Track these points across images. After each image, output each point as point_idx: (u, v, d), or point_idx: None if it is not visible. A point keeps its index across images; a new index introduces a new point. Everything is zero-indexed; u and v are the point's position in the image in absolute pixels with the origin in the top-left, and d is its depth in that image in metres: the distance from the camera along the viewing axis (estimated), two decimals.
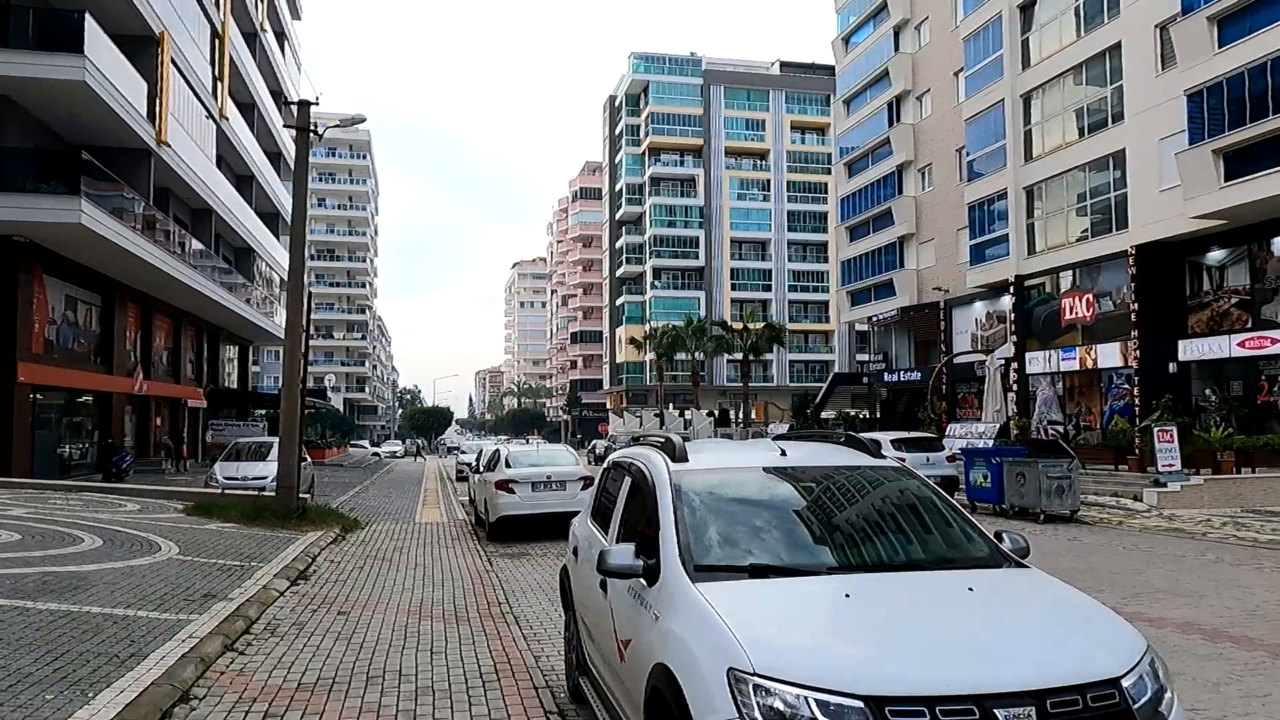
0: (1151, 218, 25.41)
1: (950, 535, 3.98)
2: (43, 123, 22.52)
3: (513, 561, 12.01)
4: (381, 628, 7.63)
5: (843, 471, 4.34)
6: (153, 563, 9.53)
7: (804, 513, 4.06)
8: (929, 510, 4.10)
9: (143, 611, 7.25)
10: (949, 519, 4.05)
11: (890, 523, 4.06)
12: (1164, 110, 24.65)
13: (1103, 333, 27.69)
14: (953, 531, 3.99)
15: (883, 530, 4.01)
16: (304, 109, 15.24)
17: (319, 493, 21.65)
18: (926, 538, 3.96)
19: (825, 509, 4.12)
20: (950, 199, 37.56)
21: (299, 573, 10.07)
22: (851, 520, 4.05)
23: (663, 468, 4.24)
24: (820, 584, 3.45)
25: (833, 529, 3.96)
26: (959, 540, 3.94)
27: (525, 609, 8.68)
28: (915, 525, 4.03)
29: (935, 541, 3.96)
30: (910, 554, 3.85)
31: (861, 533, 3.96)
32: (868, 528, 4.01)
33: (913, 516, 4.08)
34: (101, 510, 14.17)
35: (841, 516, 4.07)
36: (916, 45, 41.04)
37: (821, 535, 3.88)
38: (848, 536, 3.91)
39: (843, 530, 3.96)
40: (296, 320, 14.90)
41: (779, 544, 3.79)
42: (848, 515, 4.08)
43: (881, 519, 4.08)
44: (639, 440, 5.49)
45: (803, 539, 3.84)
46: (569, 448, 17.61)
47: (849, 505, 4.15)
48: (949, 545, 3.93)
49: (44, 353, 22.47)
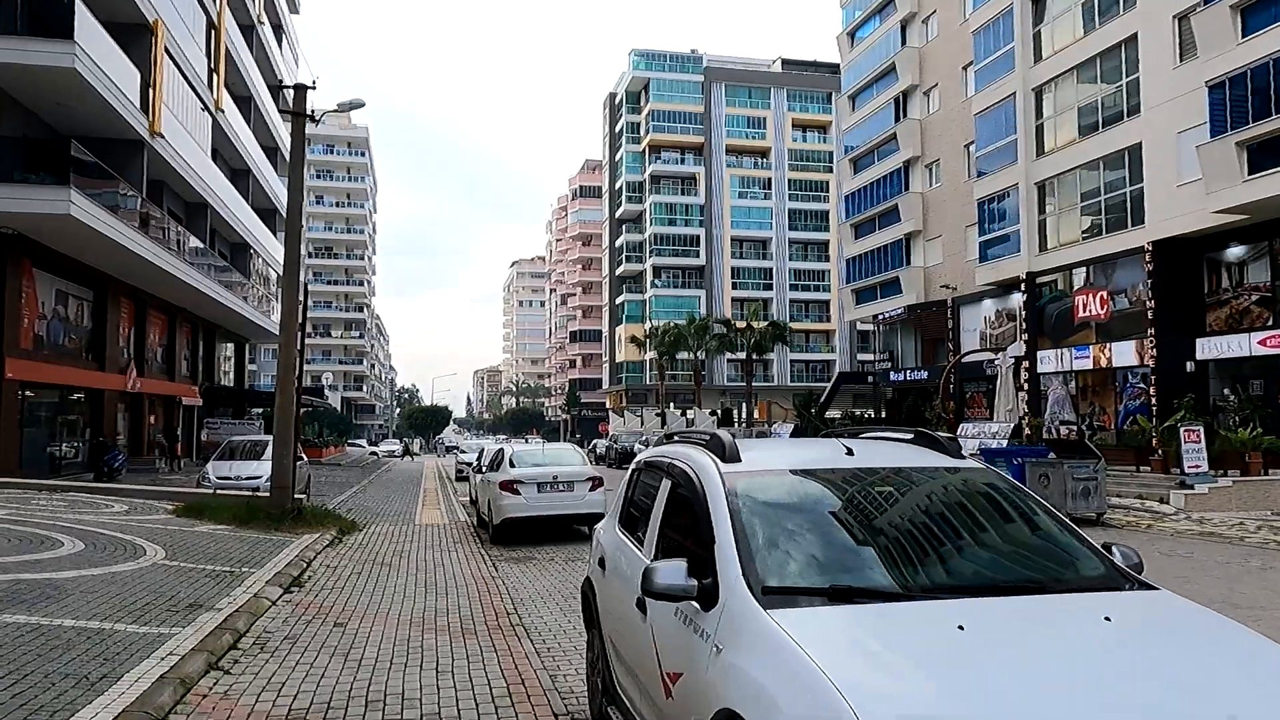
0: (1169, 213, 24.82)
1: (1056, 549, 3.36)
2: (32, 112, 21.88)
3: (519, 566, 11.40)
4: (381, 642, 7.02)
5: (922, 473, 3.73)
6: (136, 569, 8.90)
7: (884, 522, 3.44)
8: (1027, 518, 3.49)
9: (121, 624, 6.63)
10: (1051, 529, 3.44)
11: (986, 534, 3.44)
12: (1183, 103, 24.06)
13: (1118, 331, 27.09)
14: (1058, 544, 3.37)
15: (980, 543, 3.38)
16: (300, 93, 14.62)
17: (315, 492, 21.05)
18: (1030, 552, 3.35)
19: (908, 518, 3.50)
20: (958, 195, 36.97)
21: (293, 579, 9.46)
22: (941, 531, 3.43)
23: (712, 470, 3.63)
24: (921, 611, 2.83)
25: (920, 542, 3.34)
26: (1068, 555, 3.32)
27: (536, 620, 8.06)
28: (1015, 537, 3.42)
29: (1041, 556, 3.34)
30: (1016, 572, 3.23)
31: (955, 546, 3.34)
32: (962, 540, 3.39)
33: (1010, 526, 3.48)
34: (86, 511, 13.53)
35: (928, 527, 3.45)
36: (924, 39, 40.42)
37: (908, 549, 3.26)
38: (939, 551, 3.29)
39: (932, 543, 3.34)
40: (292, 314, 14.27)
41: (859, 560, 3.18)
42: (935, 525, 3.47)
43: (975, 529, 3.46)
44: (672, 438, 4.88)
45: (886, 554, 3.22)
46: (576, 447, 17.00)
47: (934, 513, 3.54)
48: (1057, 561, 3.31)
49: (33, 348, 21.85)
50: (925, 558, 3.23)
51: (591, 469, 14.42)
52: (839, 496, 3.56)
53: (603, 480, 14.03)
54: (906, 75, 40.87)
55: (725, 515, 3.30)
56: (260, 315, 37.42)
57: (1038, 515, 3.50)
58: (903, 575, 3.08)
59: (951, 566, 3.19)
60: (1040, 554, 3.33)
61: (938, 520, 3.49)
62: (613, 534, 4.83)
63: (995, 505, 3.58)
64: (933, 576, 3.10)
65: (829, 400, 47.31)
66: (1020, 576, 3.18)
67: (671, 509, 3.95)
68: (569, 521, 13.94)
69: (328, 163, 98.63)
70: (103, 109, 21.52)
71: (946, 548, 3.31)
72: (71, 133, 22.01)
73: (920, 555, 3.23)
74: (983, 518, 3.53)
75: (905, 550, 3.25)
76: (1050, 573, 3.23)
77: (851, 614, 2.79)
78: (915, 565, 3.17)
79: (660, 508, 4.06)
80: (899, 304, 41.03)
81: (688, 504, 3.74)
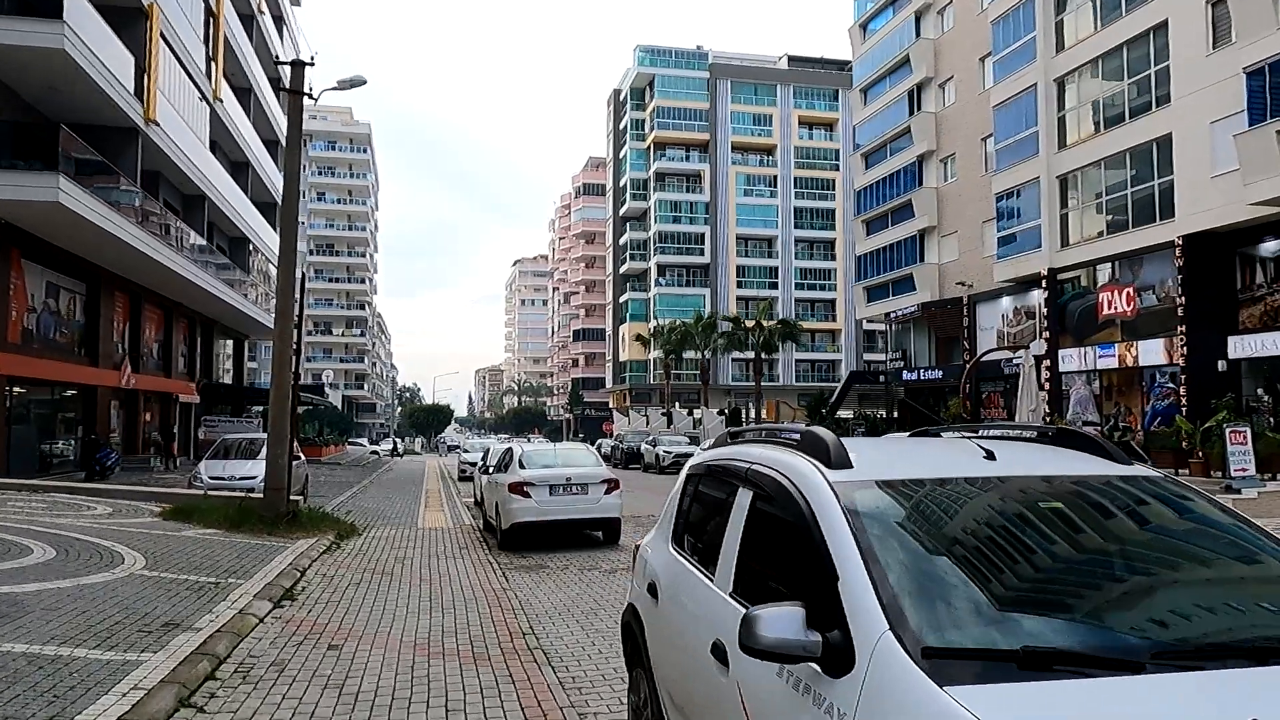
0: (1200, 206, 23.92)
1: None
2: (22, 98, 21.06)
3: (530, 576, 10.52)
4: (382, 669, 6.14)
5: (1092, 485, 2.84)
6: (110, 580, 8.03)
7: (1067, 554, 2.55)
8: (1244, 544, 2.61)
9: (82, 649, 5.76)
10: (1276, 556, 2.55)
11: (1207, 569, 2.55)
12: (1216, 91, 23.16)
13: (1145, 328, 26.19)
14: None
15: (1206, 582, 2.49)
16: (298, 70, 13.76)
17: (314, 493, 20.20)
18: (1269, 592, 2.46)
19: (1098, 547, 2.61)
20: (975, 190, 36.08)
21: (284, 591, 8.58)
22: (1146, 563, 2.55)
23: (817, 480, 2.74)
24: (1179, 693, 1.94)
25: (1122, 580, 2.45)
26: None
27: (555, 642, 7.18)
28: (1242, 570, 2.53)
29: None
30: (1269, 626, 2.33)
31: (1173, 587, 2.45)
32: (1177, 577, 2.51)
33: (1229, 555, 2.59)
34: (65, 514, 12.64)
35: (1128, 560, 2.56)
36: (939, 30, 39.53)
37: (1115, 594, 2.38)
38: (1153, 594, 2.41)
39: (1141, 582, 2.45)
40: (288, 303, 13.40)
41: (1049, 608, 2.30)
42: (1135, 555, 2.58)
43: (1193, 563, 2.58)
44: (738, 436, 3.99)
45: (1086, 600, 2.34)
46: (589, 447, 16.12)
47: (1133, 541, 2.66)
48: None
49: (22, 342, 21.01)
50: (1135, 603, 2.34)
51: (607, 470, 13.54)
52: (998, 517, 2.67)
53: (619, 483, 13.16)
54: (921, 68, 39.98)
55: (849, 542, 2.42)
56: (260, 311, 36.56)
57: (1256, 540, 2.61)
58: (1116, 632, 2.19)
59: (1184, 618, 2.29)
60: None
61: (1140, 550, 2.60)
62: (666, 555, 3.94)
63: (1197, 526, 2.69)
64: (1163, 633, 2.21)
65: (840, 400, 46.42)
66: (1273, 632, 2.27)
67: (755, 529, 3.07)
68: (582, 526, 13.07)
69: (329, 159, 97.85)
70: (95, 94, 20.70)
71: (1160, 589, 2.42)
72: (63, 119, 21.18)
73: (1135, 602, 2.34)
74: (1189, 544, 2.64)
75: (1110, 594, 2.36)
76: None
77: (1077, 696, 1.90)
78: (1124, 612, 2.29)
79: (737, 527, 3.17)
80: (912, 301, 40.14)
81: (781, 523, 2.86)
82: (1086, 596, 2.35)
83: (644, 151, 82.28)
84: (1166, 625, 2.26)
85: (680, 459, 34.98)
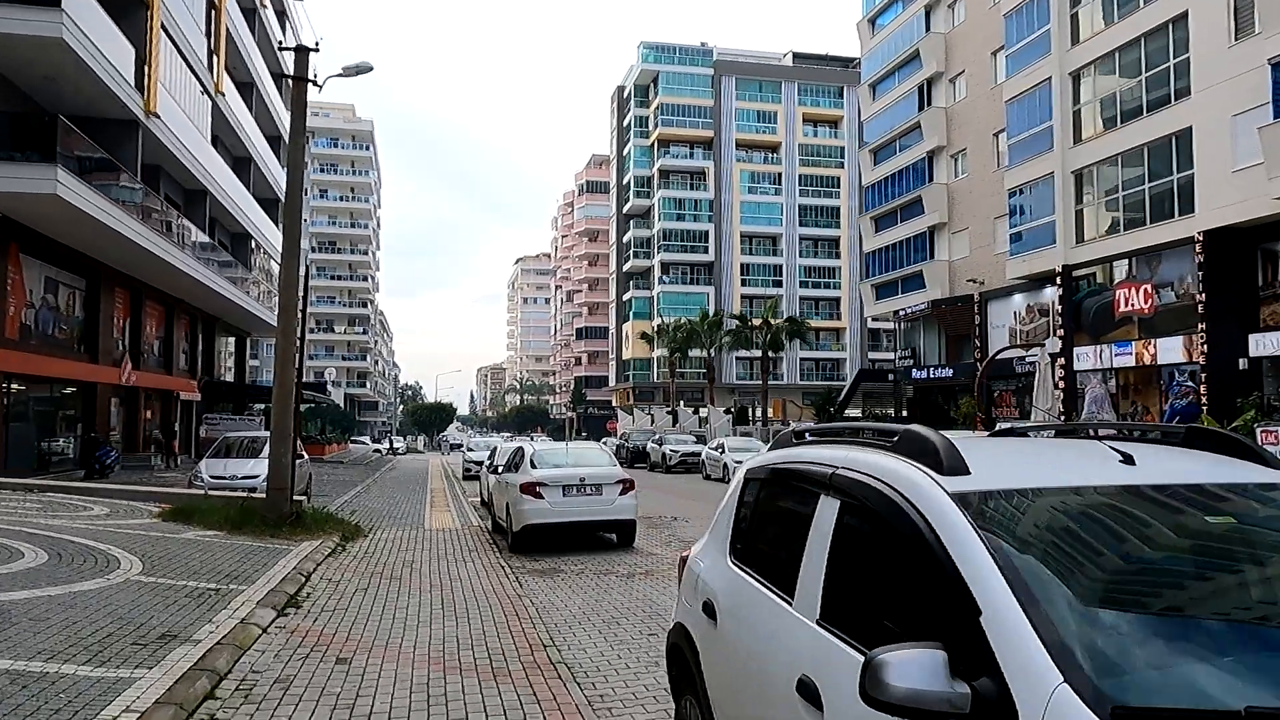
0: (1222, 201, 23.43)
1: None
2: (18, 87, 20.63)
3: (545, 581, 10.08)
4: (395, 687, 5.69)
5: (1256, 495, 2.39)
6: (104, 586, 7.59)
7: (1259, 577, 2.10)
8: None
9: (70, 665, 5.32)
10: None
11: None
12: (1238, 83, 22.65)
13: (1163, 326, 25.70)
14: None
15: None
16: (302, 56, 13.31)
17: (317, 492, 19.79)
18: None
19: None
20: (986, 186, 35.59)
21: (288, 598, 8.15)
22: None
23: (933, 490, 2.29)
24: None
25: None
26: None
27: (579, 654, 6.73)
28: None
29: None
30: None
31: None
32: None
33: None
34: (60, 515, 12.20)
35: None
36: (950, 24, 39.00)
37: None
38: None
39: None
40: (291, 296, 12.96)
41: (1257, 650, 1.85)
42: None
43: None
44: (803, 436, 3.54)
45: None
46: (603, 446, 15.67)
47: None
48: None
49: (20, 338, 20.60)
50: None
51: (622, 470, 13.08)
52: (1166, 535, 2.22)
53: (634, 483, 12.71)
54: (931, 62, 39.46)
55: (989, 567, 1.97)
56: (262, 308, 36.13)
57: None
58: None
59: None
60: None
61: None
62: (724, 570, 3.48)
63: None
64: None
65: (848, 399, 45.95)
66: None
67: (847, 546, 2.62)
68: (597, 528, 12.63)
69: (332, 156, 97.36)
70: (94, 85, 20.29)
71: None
72: (62, 111, 20.74)
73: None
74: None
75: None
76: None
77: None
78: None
79: (822, 542, 2.72)
80: (922, 299, 39.64)
81: (884, 540, 2.41)
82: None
83: (648, 148, 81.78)
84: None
85: (687, 458, 34.55)
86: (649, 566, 11.04)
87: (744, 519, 3.54)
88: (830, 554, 2.66)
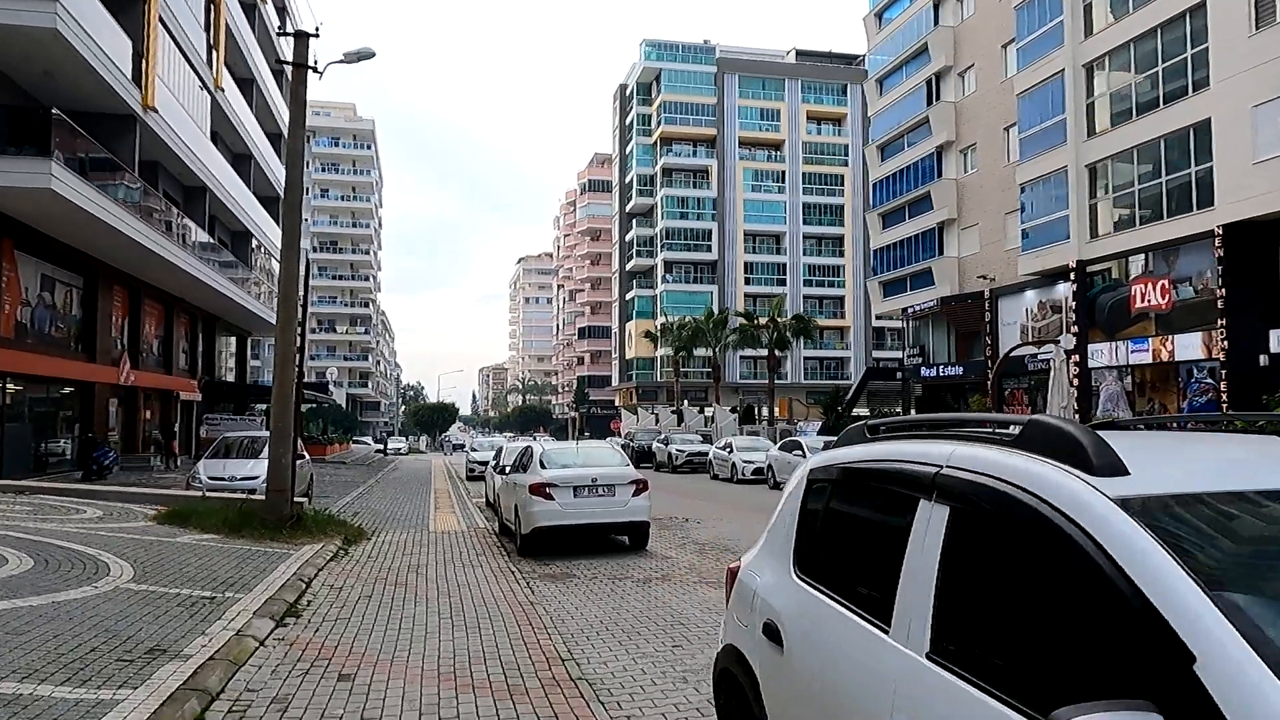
0: (1242, 194, 22.92)
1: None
2: (14, 81, 20.20)
3: (557, 587, 9.60)
4: (403, 708, 5.21)
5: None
6: (91, 595, 7.12)
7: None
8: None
9: (46, 686, 4.85)
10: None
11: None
12: (1260, 73, 22.15)
13: (1181, 322, 25.19)
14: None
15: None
16: (302, 42, 12.85)
17: (319, 493, 19.34)
18: None
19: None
20: (997, 180, 35.08)
21: (288, 606, 7.68)
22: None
23: (1090, 496, 1.81)
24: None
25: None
26: None
27: (599, 668, 6.25)
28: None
29: None
30: None
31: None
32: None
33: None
34: (51, 518, 11.73)
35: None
36: (959, 17, 38.49)
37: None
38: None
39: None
40: (292, 289, 12.50)
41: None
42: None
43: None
44: (879, 430, 3.06)
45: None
46: (614, 445, 15.18)
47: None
48: None
49: (16, 337, 20.17)
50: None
51: (635, 471, 12.61)
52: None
53: (647, 483, 12.24)
54: (940, 56, 38.94)
55: (1199, 599, 1.50)
56: (263, 308, 35.69)
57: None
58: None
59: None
60: None
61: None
62: (791, 586, 2.99)
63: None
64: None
65: (856, 397, 45.47)
66: None
67: (964, 563, 2.14)
68: (609, 531, 12.15)
69: (333, 155, 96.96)
70: (90, 79, 19.86)
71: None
72: (58, 105, 20.31)
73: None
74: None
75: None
76: None
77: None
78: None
79: (928, 558, 2.23)
80: (931, 296, 39.12)
81: (1020, 557, 1.94)
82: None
83: (650, 147, 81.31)
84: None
85: (694, 458, 34.08)
86: (665, 571, 10.56)
87: (811, 527, 3.06)
88: (940, 573, 2.18)
